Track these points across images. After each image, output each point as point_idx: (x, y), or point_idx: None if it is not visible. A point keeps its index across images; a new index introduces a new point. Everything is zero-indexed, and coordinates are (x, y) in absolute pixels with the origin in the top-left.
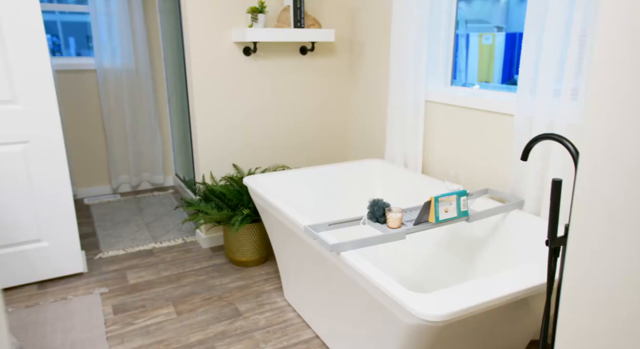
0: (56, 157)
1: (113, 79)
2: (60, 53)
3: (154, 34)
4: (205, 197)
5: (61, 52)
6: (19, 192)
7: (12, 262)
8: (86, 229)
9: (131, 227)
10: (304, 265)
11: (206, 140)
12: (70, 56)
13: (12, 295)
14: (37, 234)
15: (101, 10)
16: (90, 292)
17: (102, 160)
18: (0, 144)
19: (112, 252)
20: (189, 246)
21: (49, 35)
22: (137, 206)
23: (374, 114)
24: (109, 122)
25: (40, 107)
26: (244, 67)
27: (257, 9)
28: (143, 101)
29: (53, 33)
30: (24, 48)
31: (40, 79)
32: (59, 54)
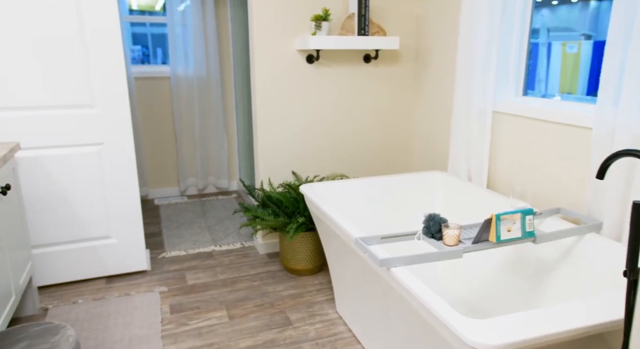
0: (127, 159)
1: (185, 85)
2: (149, 62)
3: (225, 42)
4: (263, 204)
5: (149, 61)
6: (92, 191)
7: (85, 256)
8: (153, 228)
9: (194, 229)
10: (355, 278)
11: (267, 146)
12: (151, 65)
13: (82, 287)
14: (107, 231)
15: (177, 21)
16: (151, 290)
17: (172, 163)
18: (79, 145)
19: (175, 253)
20: (247, 251)
21: (140, 46)
22: (201, 208)
23: (438, 124)
24: (179, 127)
25: (114, 111)
26: (306, 75)
27: (321, 17)
28: (212, 107)
29: (144, 44)
30: (103, 58)
31: (115, 86)
32: (147, 63)
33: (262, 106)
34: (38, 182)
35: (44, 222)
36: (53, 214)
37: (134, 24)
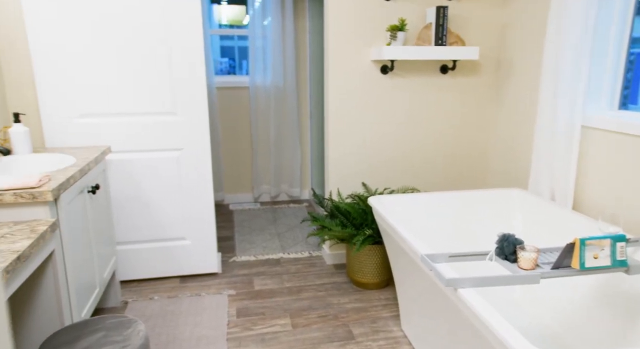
0: (204, 164)
1: (263, 95)
2: (234, 73)
3: (302, 53)
4: (332, 214)
5: (235, 72)
6: (171, 194)
7: (161, 255)
8: (226, 232)
9: (265, 235)
10: (422, 296)
11: (337, 156)
12: (235, 75)
13: (158, 285)
14: (183, 232)
15: (259, 34)
16: (220, 292)
17: (247, 170)
18: (161, 150)
19: (245, 257)
20: (314, 260)
21: (227, 59)
22: (273, 215)
23: (519, 138)
24: (256, 135)
25: (194, 119)
26: (380, 85)
27: (397, 27)
28: (287, 117)
29: (231, 57)
30: (186, 70)
31: (196, 95)
32: (233, 74)
33: (334, 115)
34: (124, 183)
35: (127, 221)
36: (136, 214)
37: (223, 38)
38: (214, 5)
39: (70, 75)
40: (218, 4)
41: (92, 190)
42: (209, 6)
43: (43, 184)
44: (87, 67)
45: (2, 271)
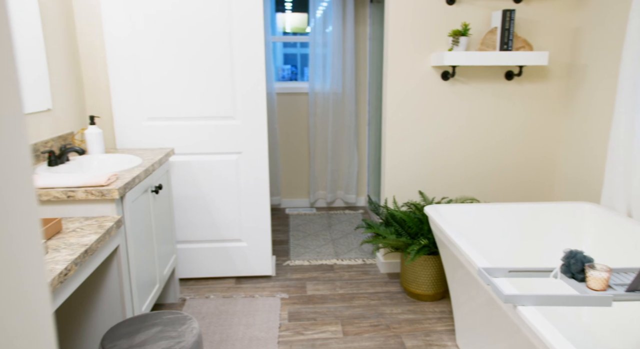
0: (261, 168)
1: (321, 101)
2: (296, 79)
3: (362, 60)
4: (386, 222)
5: (296, 79)
6: (229, 196)
7: (218, 256)
8: (282, 236)
9: (319, 240)
10: (479, 312)
11: (394, 164)
12: (297, 82)
13: (215, 284)
14: (239, 234)
15: (319, 40)
16: (273, 295)
17: (305, 175)
18: (221, 153)
19: (298, 262)
20: (367, 268)
21: (289, 66)
22: (328, 221)
23: (590, 149)
24: (313, 140)
25: (253, 124)
26: (440, 92)
27: (460, 32)
28: (345, 123)
29: (293, 64)
30: (246, 76)
31: (255, 101)
32: (295, 81)
33: (392, 122)
34: (185, 184)
35: (187, 221)
36: (195, 214)
37: (286, 46)
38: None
39: (140, 81)
40: (282, 12)
41: (155, 190)
42: (272, 14)
43: (111, 183)
44: (154, 74)
45: (71, 263)
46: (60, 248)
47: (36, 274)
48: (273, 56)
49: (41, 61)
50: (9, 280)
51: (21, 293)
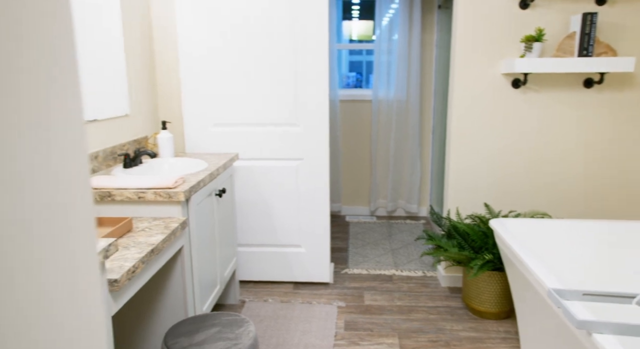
0: (321, 175)
1: (385, 109)
2: (361, 87)
3: (427, 67)
4: (449, 234)
5: (361, 86)
6: (289, 203)
7: (277, 260)
8: (341, 244)
9: (378, 250)
10: (548, 335)
11: (458, 174)
12: (362, 89)
13: (273, 288)
14: (298, 240)
15: (384, 47)
16: (330, 303)
17: (366, 183)
18: (282, 159)
19: (357, 270)
20: (428, 281)
21: (355, 73)
22: (388, 230)
23: None
24: (375, 148)
25: (315, 131)
26: (510, 100)
27: (534, 38)
28: (408, 131)
29: (358, 71)
30: (310, 83)
31: (317, 108)
32: (360, 88)
33: (457, 130)
34: (247, 188)
35: (248, 225)
36: (256, 219)
37: (352, 53)
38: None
39: (209, 88)
40: (349, 20)
41: (219, 193)
42: (338, 22)
43: (178, 186)
44: (222, 81)
45: (139, 260)
46: (130, 246)
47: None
48: (338, 63)
49: (122, 73)
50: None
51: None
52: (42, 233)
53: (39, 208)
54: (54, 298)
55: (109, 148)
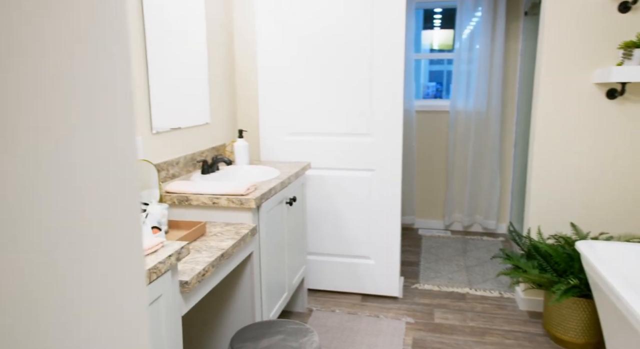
0: (393, 187)
1: (463, 120)
2: (441, 97)
3: (510, 77)
4: (528, 254)
5: (441, 96)
6: (359, 213)
7: (346, 271)
8: (412, 257)
9: (452, 266)
10: None
11: (541, 190)
12: (442, 99)
13: (340, 299)
14: (367, 251)
15: (464, 57)
16: (398, 318)
17: (441, 196)
18: (354, 170)
19: (428, 286)
20: (504, 302)
21: (435, 83)
22: (463, 246)
23: None
24: (452, 160)
25: (387, 141)
26: (603, 112)
27: (635, 44)
28: (487, 144)
29: (438, 81)
30: (384, 93)
31: (391, 119)
32: (440, 98)
33: (541, 144)
34: (318, 198)
35: (318, 233)
36: (326, 228)
37: (433, 63)
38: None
39: (284, 98)
40: (431, 29)
41: (289, 201)
42: (417, 31)
43: (249, 193)
44: (297, 91)
45: (209, 264)
46: (202, 250)
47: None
48: (416, 73)
49: (204, 84)
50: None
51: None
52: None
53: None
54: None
55: (189, 155)
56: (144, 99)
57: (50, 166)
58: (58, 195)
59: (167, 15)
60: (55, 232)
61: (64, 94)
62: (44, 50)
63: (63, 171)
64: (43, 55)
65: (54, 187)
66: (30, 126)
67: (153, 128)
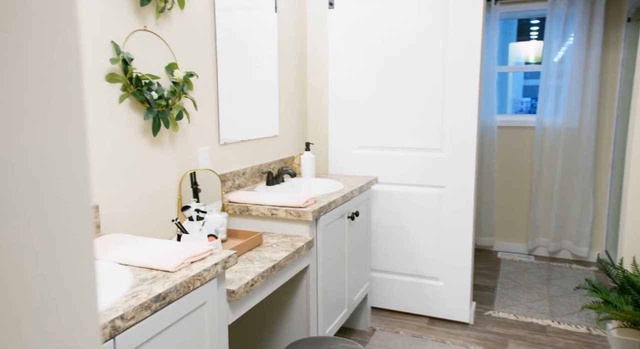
0: (466, 205)
1: (550, 136)
2: (534, 112)
3: (609, 90)
4: (621, 287)
5: (535, 112)
6: (428, 231)
7: (412, 291)
8: (488, 282)
9: (532, 294)
10: None
11: (637, 216)
12: (529, 114)
13: (406, 320)
14: (435, 272)
15: (553, 69)
16: (467, 346)
17: (523, 217)
18: (423, 186)
19: (503, 314)
20: (593, 340)
21: (529, 98)
22: (547, 273)
23: None
24: (537, 180)
25: (460, 157)
26: None
27: None
28: (579, 163)
29: (533, 96)
30: (457, 107)
31: (465, 134)
32: (534, 114)
33: (638, 162)
34: (385, 213)
35: (383, 250)
36: (392, 245)
37: (528, 76)
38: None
39: (353, 111)
40: (527, 41)
41: (351, 216)
42: (502, 44)
43: (308, 205)
44: (366, 105)
45: (259, 275)
46: (255, 260)
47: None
48: (504, 87)
49: (274, 98)
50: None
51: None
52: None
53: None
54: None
55: (256, 166)
56: (212, 111)
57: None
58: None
59: (239, 34)
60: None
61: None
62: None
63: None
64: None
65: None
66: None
67: (220, 139)
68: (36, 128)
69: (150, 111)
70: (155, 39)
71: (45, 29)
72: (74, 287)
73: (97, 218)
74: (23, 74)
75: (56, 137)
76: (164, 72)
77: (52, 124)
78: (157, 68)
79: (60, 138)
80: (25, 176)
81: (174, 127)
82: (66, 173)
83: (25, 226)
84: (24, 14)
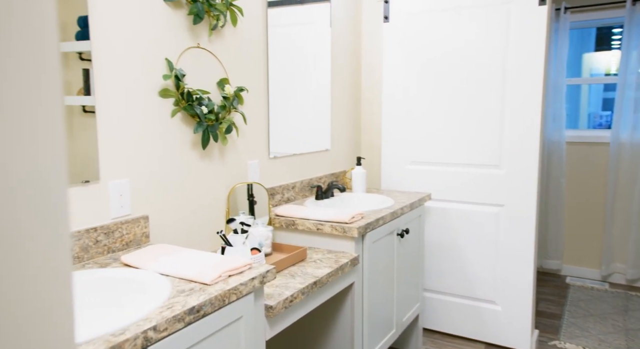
0: (526, 225)
1: (628, 153)
2: (610, 127)
3: None
4: None
5: (610, 127)
6: (485, 251)
7: (467, 314)
8: (554, 309)
9: (606, 326)
10: None
11: None
12: (599, 129)
13: (460, 344)
14: (493, 295)
15: (631, 79)
16: None
17: (596, 240)
18: (480, 204)
19: (570, 345)
20: None
21: (610, 112)
22: (624, 303)
23: None
24: (612, 200)
25: (520, 175)
26: None
27: None
28: None
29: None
30: (518, 121)
31: (525, 150)
32: (609, 128)
33: None
34: (439, 231)
35: (437, 269)
36: (446, 264)
37: (608, 89)
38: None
39: (406, 126)
40: (607, 50)
41: (401, 233)
42: (574, 54)
43: (354, 221)
44: (420, 120)
45: (298, 291)
46: (297, 275)
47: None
48: (576, 100)
49: (326, 112)
50: None
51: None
52: None
53: None
54: None
55: (306, 180)
56: (262, 125)
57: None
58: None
59: (291, 48)
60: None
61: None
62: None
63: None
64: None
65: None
66: None
67: (270, 153)
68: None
69: (200, 124)
70: (208, 56)
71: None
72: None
73: (147, 228)
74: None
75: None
76: (216, 87)
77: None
78: (208, 83)
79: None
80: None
81: (223, 140)
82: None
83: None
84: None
